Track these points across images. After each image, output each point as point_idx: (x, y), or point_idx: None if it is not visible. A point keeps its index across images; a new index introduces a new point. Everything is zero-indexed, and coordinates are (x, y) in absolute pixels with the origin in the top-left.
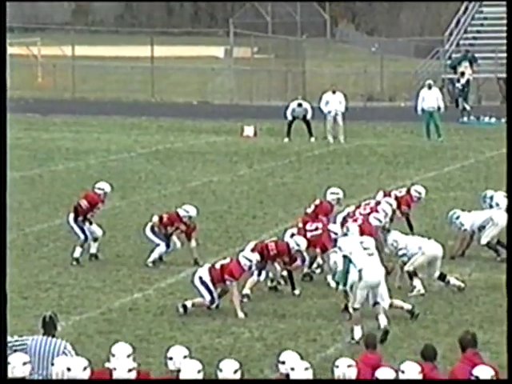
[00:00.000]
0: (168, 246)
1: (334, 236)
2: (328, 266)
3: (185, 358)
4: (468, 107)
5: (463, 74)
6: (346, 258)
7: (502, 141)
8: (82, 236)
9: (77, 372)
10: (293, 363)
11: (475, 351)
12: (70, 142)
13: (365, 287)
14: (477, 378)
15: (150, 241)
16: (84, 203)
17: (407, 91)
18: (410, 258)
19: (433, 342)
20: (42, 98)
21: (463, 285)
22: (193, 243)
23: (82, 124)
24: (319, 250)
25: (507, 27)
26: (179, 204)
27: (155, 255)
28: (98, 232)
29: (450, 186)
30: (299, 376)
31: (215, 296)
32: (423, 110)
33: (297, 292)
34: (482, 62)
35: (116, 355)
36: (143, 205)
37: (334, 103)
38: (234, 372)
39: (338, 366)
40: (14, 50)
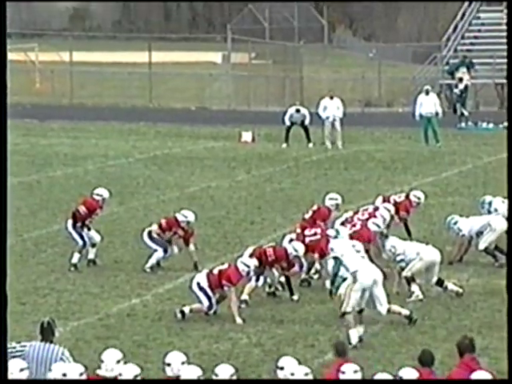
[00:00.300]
0: (166, 252)
1: None
2: (326, 272)
3: (183, 363)
4: (466, 113)
5: (461, 80)
6: (337, 260)
7: (499, 146)
8: (80, 242)
9: (73, 378)
10: (292, 368)
11: (473, 356)
12: (67, 148)
13: (359, 289)
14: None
15: (148, 247)
16: (82, 209)
17: (405, 97)
18: (407, 263)
19: (431, 348)
20: (40, 104)
21: (461, 290)
22: (191, 247)
23: (79, 130)
24: (317, 255)
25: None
26: (177, 209)
27: (153, 261)
28: (96, 238)
29: (447, 191)
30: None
31: (213, 302)
32: (421, 116)
33: (295, 297)
34: (479, 67)
35: (105, 361)
36: (141, 210)
37: (332, 109)
38: (230, 377)
39: (344, 372)
40: (11, 56)
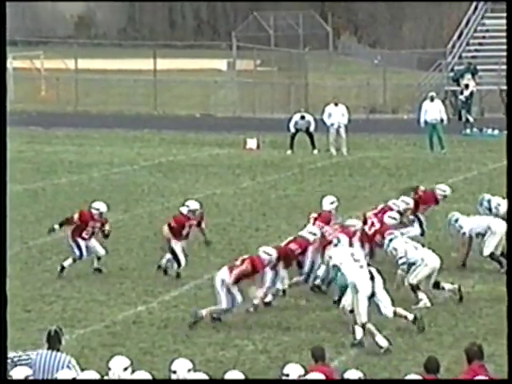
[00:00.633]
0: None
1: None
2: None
3: (189, 371)
4: (471, 119)
5: (467, 87)
6: (335, 268)
7: (504, 153)
8: (77, 252)
9: (118, 371)
10: (298, 375)
11: (481, 363)
12: (72, 155)
13: (364, 298)
14: None
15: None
16: (75, 217)
17: (410, 103)
18: (409, 265)
19: (437, 355)
20: (45, 112)
21: (457, 286)
22: (202, 225)
23: (84, 137)
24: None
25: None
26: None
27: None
28: (101, 251)
29: (453, 197)
30: None
31: (236, 301)
32: (426, 122)
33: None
34: (484, 74)
35: (113, 369)
36: (146, 218)
37: (337, 115)
38: None
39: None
40: (17, 64)
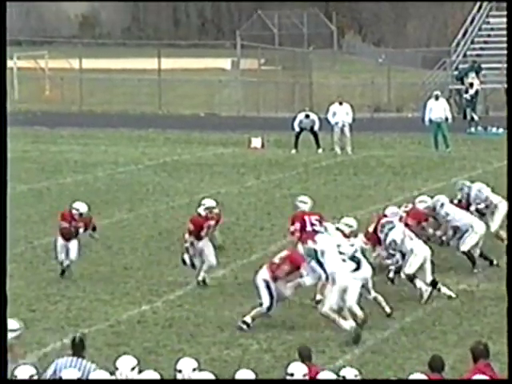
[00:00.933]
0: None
1: None
2: None
3: (194, 370)
4: (476, 118)
5: (472, 85)
6: (315, 252)
7: None
8: (59, 256)
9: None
10: (303, 374)
11: (487, 362)
12: (77, 155)
13: (338, 291)
14: None
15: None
16: (58, 218)
17: (414, 102)
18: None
19: (442, 353)
20: (50, 111)
21: (454, 295)
22: (216, 230)
23: (89, 137)
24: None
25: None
26: (187, 216)
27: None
28: (72, 255)
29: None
30: None
31: (274, 302)
32: (431, 121)
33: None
34: (489, 72)
35: (120, 369)
36: (151, 217)
37: (341, 114)
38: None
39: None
40: (21, 64)
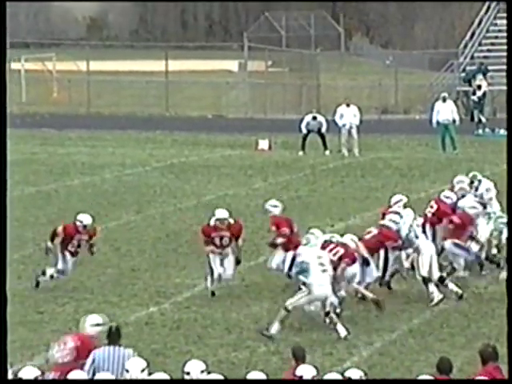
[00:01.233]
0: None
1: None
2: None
3: (202, 372)
4: (484, 119)
5: (480, 87)
6: (303, 264)
7: None
8: (60, 266)
9: (135, 373)
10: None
11: (496, 365)
12: (85, 157)
13: (310, 301)
14: None
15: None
16: (59, 229)
17: (422, 104)
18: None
19: (450, 355)
20: (58, 113)
21: (461, 291)
22: (240, 241)
23: (97, 138)
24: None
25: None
26: (194, 217)
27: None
28: (68, 267)
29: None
30: None
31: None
32: (438, 123)
33: None
34: (496, 74)
35: (130, 370)
36: (158, 219)
37: (349, 116)
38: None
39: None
40: (29, 66)
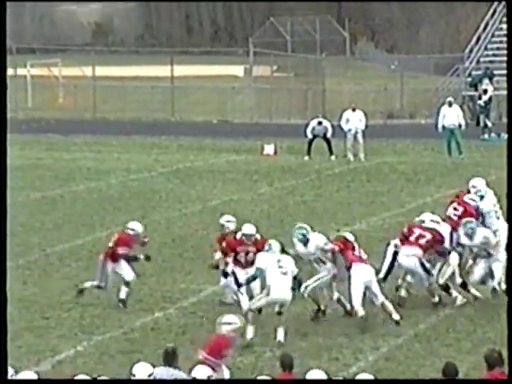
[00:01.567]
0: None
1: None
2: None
3: (208, 377)
4: (489, 124)
5: (486, 91)
6: (258, 270)
7: None
8: (99, 281)
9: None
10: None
11: (503, 370)
12: (90, 162)
13: (269, 303)
14: None
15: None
16: (122, 250)
17: (427, 108)
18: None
19: (456, 360)
20: (63, 119)
21: (482, 296)
22: None
23: (102, 144)
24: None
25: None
26: (200, 222)
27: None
28: (129, 275)
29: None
30: None
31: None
32: (444, 128)
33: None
34: (502, 78)
35: (137, 376)
36: (164, 224)
37: (354, 121)
38: None
39: None
40: (35, 71)
